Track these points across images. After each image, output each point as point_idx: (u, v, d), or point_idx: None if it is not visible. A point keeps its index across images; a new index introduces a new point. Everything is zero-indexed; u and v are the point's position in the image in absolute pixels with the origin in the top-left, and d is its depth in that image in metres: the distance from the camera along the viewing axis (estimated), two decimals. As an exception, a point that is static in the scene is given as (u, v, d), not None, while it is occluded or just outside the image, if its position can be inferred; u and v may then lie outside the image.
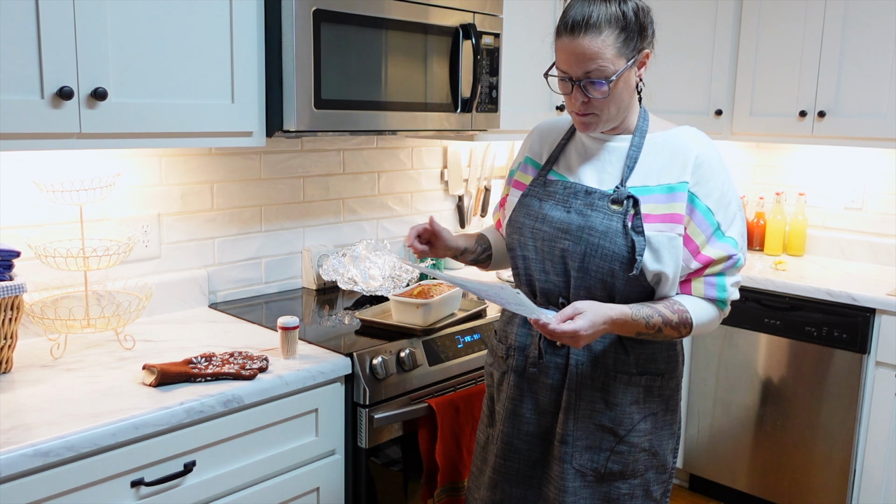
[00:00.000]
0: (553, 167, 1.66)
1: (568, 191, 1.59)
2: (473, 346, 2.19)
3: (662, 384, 1.61)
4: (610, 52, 1.45)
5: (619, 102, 1.52)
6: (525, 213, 1.63)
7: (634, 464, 1.59)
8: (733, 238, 1.52)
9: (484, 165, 3.13)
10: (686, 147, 1.53)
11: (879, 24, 2.87)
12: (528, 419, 1.65)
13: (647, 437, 1.60)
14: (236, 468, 1.72)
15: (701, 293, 1.53)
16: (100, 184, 1.92)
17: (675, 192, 1.51)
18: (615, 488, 1.59)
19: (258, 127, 1.99)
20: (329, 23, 1.98)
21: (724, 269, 1.52)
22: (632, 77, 1.52)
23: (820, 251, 3.43)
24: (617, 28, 1.45)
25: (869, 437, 2.77)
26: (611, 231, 1.51)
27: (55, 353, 1.84)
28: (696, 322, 1.51)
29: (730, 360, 3.10)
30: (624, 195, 1.51)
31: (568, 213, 1.56)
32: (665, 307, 1.51)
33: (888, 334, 2.69)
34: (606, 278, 1.53)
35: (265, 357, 1.82)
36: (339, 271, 2.47)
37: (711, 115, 3.29)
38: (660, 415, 1.62)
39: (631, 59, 1.48)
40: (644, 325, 1.48)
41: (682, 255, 1.51)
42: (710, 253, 1.51)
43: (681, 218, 1.50)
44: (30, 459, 1.38)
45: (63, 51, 1.61)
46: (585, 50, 1.45)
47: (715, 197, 1.51)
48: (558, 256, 1.56)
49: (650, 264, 1.50)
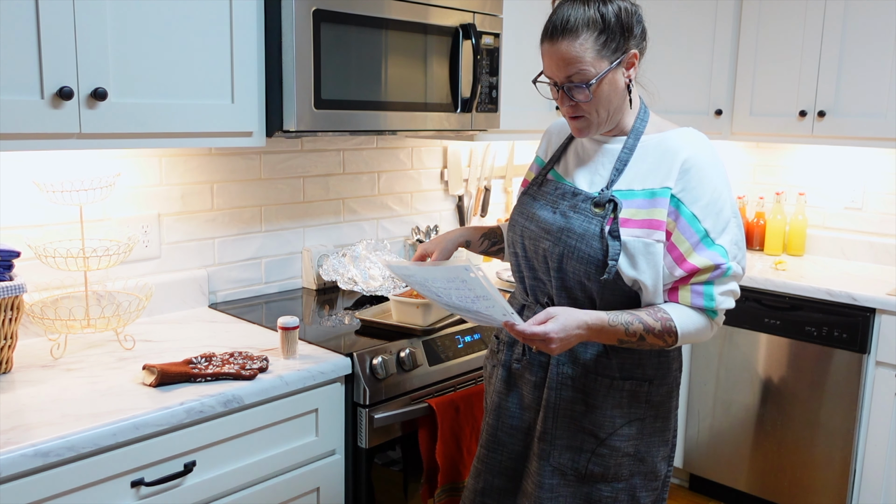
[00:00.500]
0: (554, 167, 1.67)
1: (558, 191, 1.60)
2: (473, 346, 2.19)
3: (651, 390, 1.58)
4: (589, 55, 1.44)
5: (608, 105, 1.49)
6: (520, 210, 1.66)
7: (617, 468, 1.57)
8: (722, 246, 1.46)
9: (484, 165, 3.13)
10: (675, 151, 1.49)
11: (879, 23, 2.87)
12: (512, 413, 1.68)
13: (632, 442, 1.58)
14: (236, 468, 1.72)
15: (688, 301, 1.49)
16: (100, 184, 1.92)
17: (656, 198, 1.47)
18: (597, 490, 1.58)
19: (258, 127, 1.99)
20: (329, 23, 1.98)
21: (712, 277, 1.47)
22: (618, 78, 1.49)
23: (820, 251, 3.43)
24: (595, 31, 1.43)
25: (869, 436, 2.77)
26: (588, 234, 1.50)
27: (55, 354, 1.84)
28: (682, 331, 1.47)
29: (730, 360, 3.10)
30: (606, 198, 1.50)
31: (553, 214, 1.57)
32: (647, 314, 1.47)
33: (888, 334, 2.69)
34: (584, 280, 1.51)
35: (265, 357, 1.82)
36: (339, 271, 2.47)
37: (711, 114, 3.29)
38: (648, 421, 1.59)
39: (615, 61, 1.46)
40: (623, 332, 1.45)
41: (661, 263, 1.47)
42: (695, 261, 1.45)
43: (661, 224, 1.46)
44: (30, 459, 1.38)
45: (63, 51, 1.61)
46: (564, 55, 1.44)
47: (702, 203, 1.46)
48: (541, 256, 1.58)
49: (626, 270, 1.48)
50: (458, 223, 3.11)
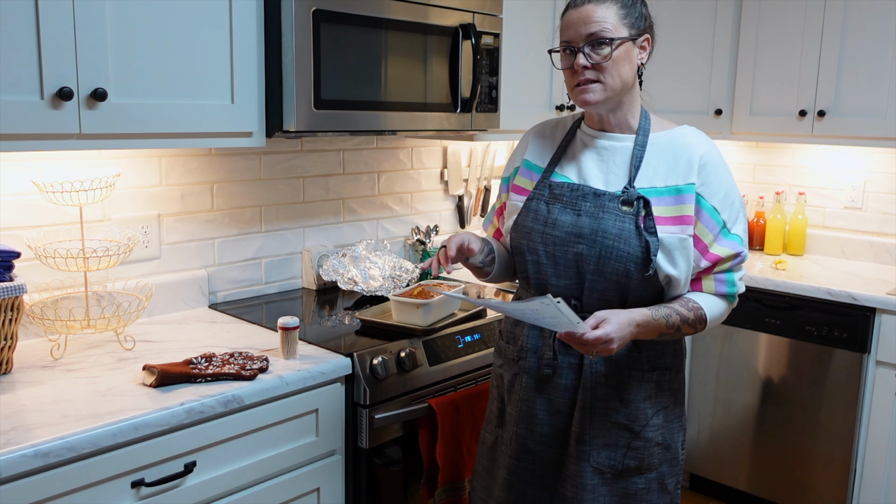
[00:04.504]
0: (556, 169, 1.66)
1: (575, 193, 1.59)
2: (474, 346, 2.19)
3: (671, 378, 1.65)
4: (612, 19, 1.52)
5: (622, 74, 1.54)
6: (533, 217, 1.63)
7: (650, 458, 1.62)
8: (738, 235, 1.57)
9: (484, 165, 3.13)
10: (690, 148, 1.56)
11: (879, 23, 2.87)
12: (541, 420, 1.66)
13: (661, 431, 1.63)
14: (237, 469, 1.72)
15: (712, 290, 1.58)
16: (100, 184, 1.92)
17: (683, 195, 1.54)
18: (632, 483, 1.62)
19: (258, 127, 1.99)
20: (329, 23, 1.98)
21: (733, 266, 1.58)
22: (633, 54, 1.56)
23: (820, 251, 3.43)
24: (619, 2, 1.53)
25: (869, 436, 2.77)
26: (624, 233, 1.53)
27: (55, 354, 1.84)
28: (710, 318, 1.57)
29: (730, 360, 3.10)
30: (634, 196, 1.54)
31: (578, 217, 1.57)
32: (681, 305, 1.55)
33: (888, 334, 2.69)
34: (622, 279, 1.55)
35: (265, 357, 1.82)
36: (339, 271, 2.47)
37: (711, 114, 3.29)
38: (670, 408, 1.66)
39: (633, 33, 1.54)
40: (665, 325, 1.52)
41: (692, 256, 1.55)
42: (718, 252, 1.55)
43: (691, 219, 1.54)
44: (30, 460, 1.38)
45: (63, 51, 1.61)
46: (591, 13, 1.52)
47: (720, 196, 1.55)
48: (571, 260, 1.58)
49: (664, 266, 1.54)
50: (458, 223, 3.11)
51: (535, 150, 1.72)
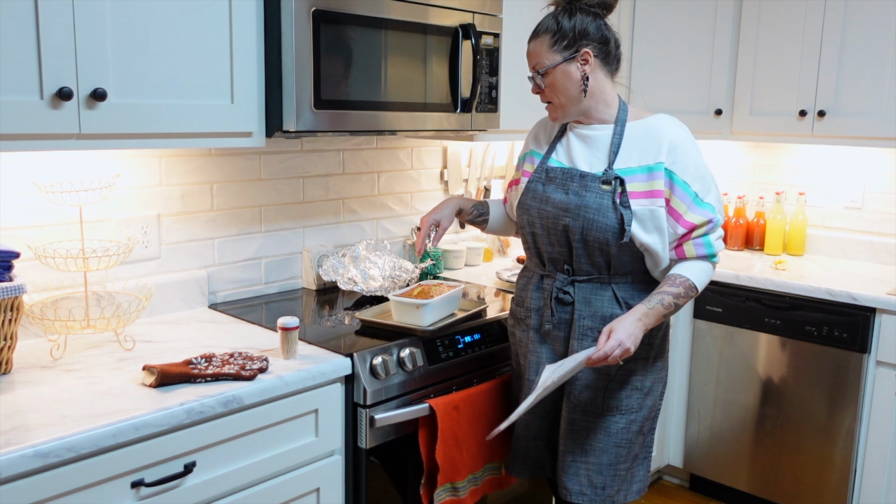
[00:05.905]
0: (552, 156, 1.96)
1: (566, 175, 1.90)
2: (473, 346, 2.19)
3: (651, 332, 1.89)
4: (544, 49, 1.83)
5: (565, 91, 1.84)
6: (532, 196, 1.94)
7: (628, 400, 1.91)
8: (710, 204, 1.83)
9: (484, 165, 3.13)
10: (661, 133, 1.83)
11: (879, 23, 2.87)
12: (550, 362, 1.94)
13: (639, 378, 1.92)
14: (236, 469, 1.72)
15: (693, 254, 1.84)
16: (99, 184, 1.92)
17: (653, 172, 1.81)
18: (613, 422, 1.91)
19: (258, 127, 1.99)
20: (328, 23, 1.98)
21: (708, 230, 1.83)
22: (572, 70, 1.83)
23: (820, 251, 3.43)
24: (550, 33, 1.83)
25: (869, 436, 2.76)
26: (603, 207, 1.81)
27: (55, 354, 1.84)
28: (698, 282, 1.83)
29: (730, 360, 3.10)
30: (612, 176, 1.82)
31: (567, 195, 1.87)
32: (669, 286, 1.82)
33: (888, 334, 2.69)
34: (603, 247, 1.84)
35: (265, 357, 1.82)
36: (339, 271, 2.47)
37: (711, 114, 3.29)
38: (650, 360, 1.93)
39: (566, 55, 1.82)
40: (662, 308, 1.80)
41: (665, 225, 1.81)
42: (692, 219, 1.81)
43: (660, 193, 1.80)
44: (30, 460, 1.38)
45: (62, 51, 1.61)
46: (531, 50, 1.87)
47: (690, 172, 1.81)
48: (561, 231, 1.88)
49: (638, 234, 1.81)
50: (459, 223, 3.11)
51: (541, 139, 2.04)
